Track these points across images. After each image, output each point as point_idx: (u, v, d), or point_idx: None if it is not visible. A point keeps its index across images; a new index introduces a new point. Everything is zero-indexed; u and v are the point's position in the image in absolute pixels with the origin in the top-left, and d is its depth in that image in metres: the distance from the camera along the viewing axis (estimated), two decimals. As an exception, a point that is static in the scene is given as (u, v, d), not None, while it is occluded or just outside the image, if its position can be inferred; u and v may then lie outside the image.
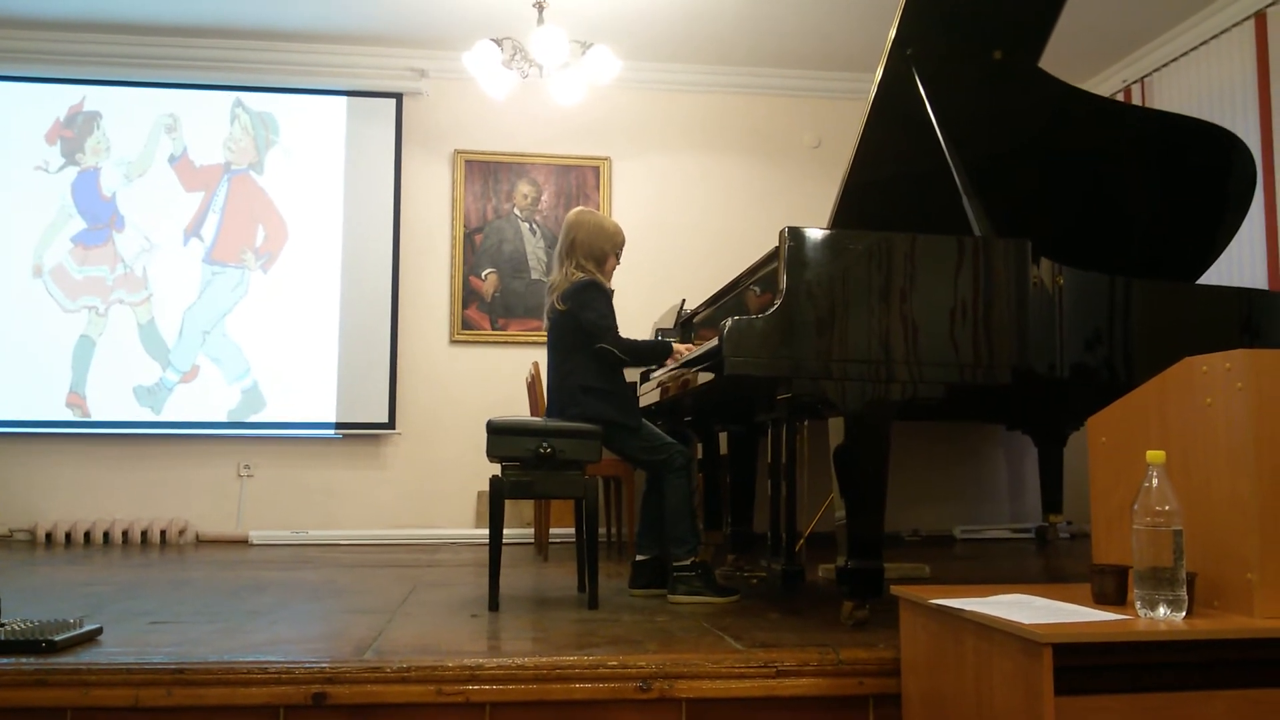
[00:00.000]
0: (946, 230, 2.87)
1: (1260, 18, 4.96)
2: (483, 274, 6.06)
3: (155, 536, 5.60)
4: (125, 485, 5.71)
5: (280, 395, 5.82)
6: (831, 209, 3.53)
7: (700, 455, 5.00)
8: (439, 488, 5.89)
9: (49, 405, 5.68)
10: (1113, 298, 3.07)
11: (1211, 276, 3.95)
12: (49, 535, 5.57)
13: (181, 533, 5.66)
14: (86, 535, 5.57)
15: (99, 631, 2.57)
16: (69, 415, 5.70)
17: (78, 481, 5.69)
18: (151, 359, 5.78)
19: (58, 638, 2.35)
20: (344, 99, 6.04)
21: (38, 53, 5.79)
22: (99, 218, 5.84)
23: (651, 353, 3.64)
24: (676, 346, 3.53)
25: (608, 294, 3.52)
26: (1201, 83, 5.37)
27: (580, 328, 3.45)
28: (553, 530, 5.07)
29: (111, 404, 5.72)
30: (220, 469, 5.82)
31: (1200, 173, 3.73)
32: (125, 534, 5.60)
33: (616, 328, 3.46)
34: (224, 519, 5.78)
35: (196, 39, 5.84)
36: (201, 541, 5.71)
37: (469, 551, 5.24)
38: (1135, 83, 5.93)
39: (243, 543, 5.67)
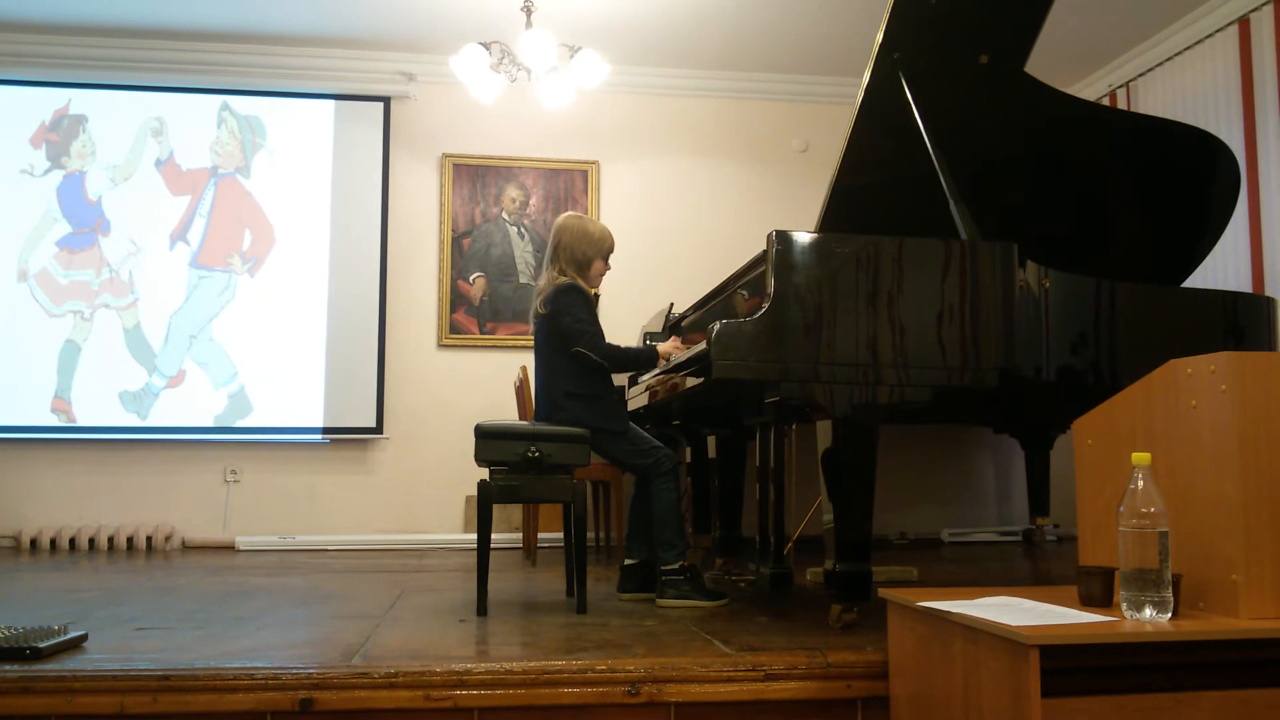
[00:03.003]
0: (933, 234, 2.88)
1: (1244, 23, 5.00)
2: (470, 278, 6.06)
3: (141, 542, 5.57)
4: (111, 491, 5.68)
5: (267, 400, 5.80)
6: (819, 213, 3.54)
7: (689, 459, 5.01)
8: (427, 492, 5.88)
9: (34, 410, 5.65)
10: (1098, 301, 3.08)
11: (1196, 279, 3.97)
12: (34, 541, 5.53)
13: (168, 538, 5.63)
14: (72, 541, 5.53)
15: (84, 638, 2.56)
16: (54, 420, 5.66)
17: (63, 487, 5.65)
18: (137, 364, 5.75)
19: (42, 645, 2.33)
20: (331, 102, 6.03)
21: (23, 55, 5.76)
22: (85, 221, 5.81)
23: (634, 360, 3.57)
24: (661, 348, 3.51)
25: (588, 298, 3.51)
26: (1186, 88, 5.41)
27: (561, 331, 3.45)
28: (541, 534, 5.06)
29: (97, 409, 5.69)
30: (207, 474, 5.79)
31: (1185, 177, 3.75)
32: (111, 540, 5.57)
33: (597, 332, 3.44)
34: (210, 524, 5.75)
35: (183, 42, 5.83)
36: (188, 547, 5.68)
37: (457, 556, 5.23)
38: (1121, 87, 5.96)
39: (229, 548, 5.64)
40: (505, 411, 5.38)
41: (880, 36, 3.28)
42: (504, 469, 3.28)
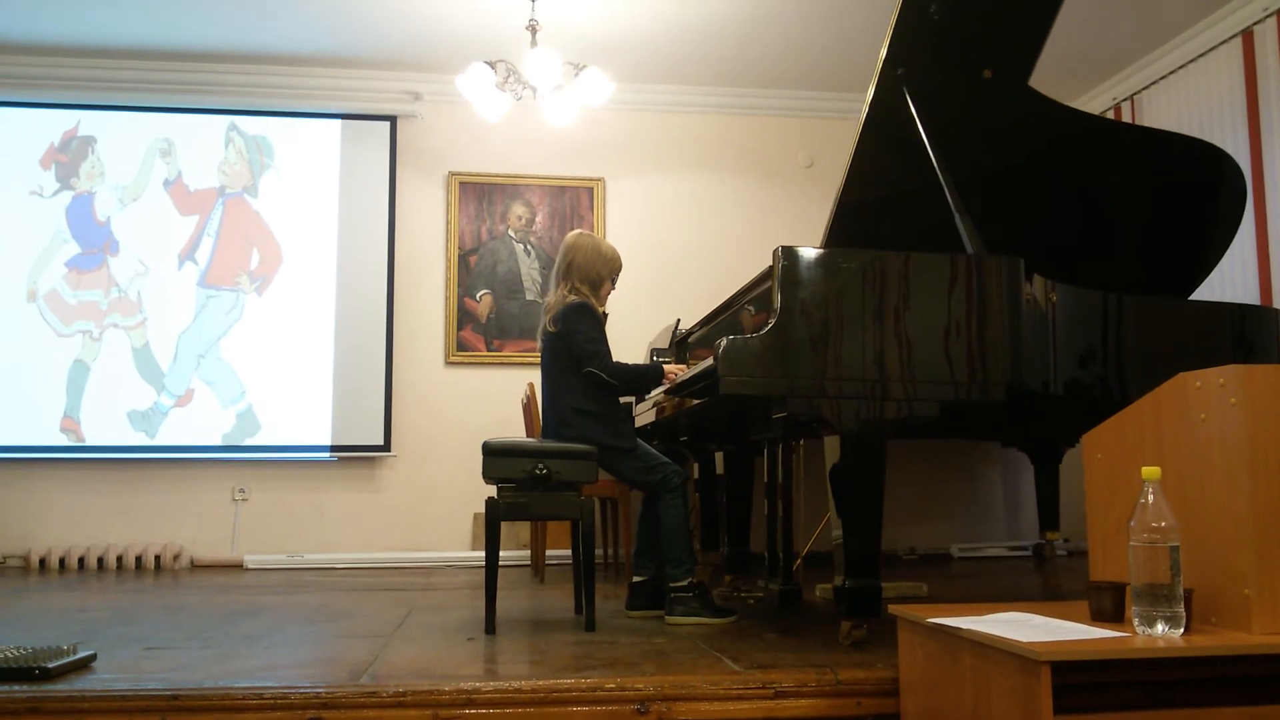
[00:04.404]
0: (939, 248, 2.88)
1: (1248, 35, 5.01)
2: (477, 295, 6.07)
3: (149, 561, 5.58)
4: (119, 510, 5.68)
5: (275, 418, 5.81)
6: (825, 228, 3.54)
7: (696, 475, 5.00)
8: (434, 510, 5.87)
9: (43, 430, 5.66)
10: (1106, 314, 3.08)
11: (1203, 292, 3.96)
12: (43, 561, 5.53)
13: (176, 557, 5.63)
14: (80, 561, 5.53)
15: (93, 658, 2.55)
16: (63, 440, 5.68)
17: (72, 507, 5.66)
18: (146, 383, 5.77)
19: (51, 665, 2.33)
20: (338, 122, 6.06)
21: (32, 78, 5.81)
22: (93, 242, 5.84)
23: (643, 378, 3.59)
24: (668, 368, 3.52)
25: (598, 317, 3.52)
26: (1190, 100, 5.41)
27: (571, 350, 3.45)
28: (549, 552, 5.05)
29: (106, 428, 5.70)
30: (215, 493, 5.79)
31: (1191, 189, 3.75)
32: (119, 559, 5.57)
33: (607, 352, 3.45)
34: (219, 543, 5.75)
35: (190, 63, 5.86)
36: (196, 566, 5.68)
37: (465, 574, 5.22)
38: (1125, 100, 5.97)
39: (238, 567, 5.64)
40: (513, 428, 5.37)
41: (884, 52, 3.29)
42: (512, 486, 3.28)
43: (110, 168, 5.90)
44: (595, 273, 3.56)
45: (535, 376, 3.98)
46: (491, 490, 3.35)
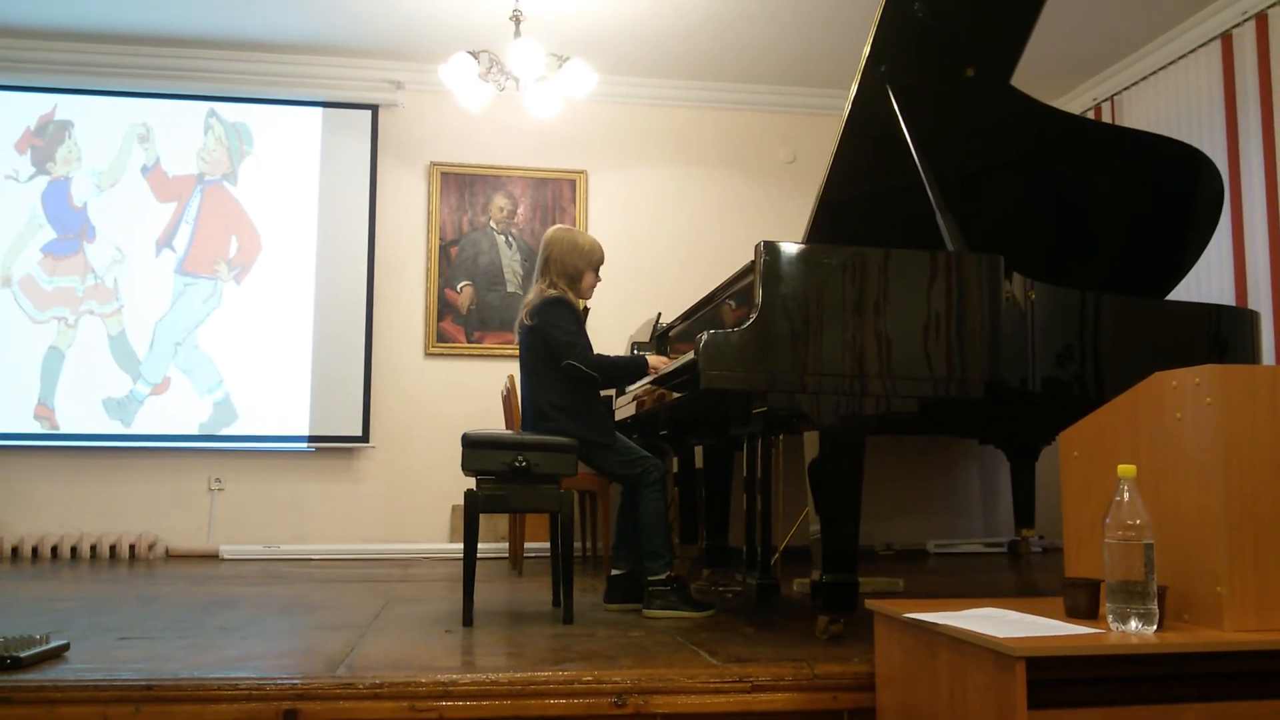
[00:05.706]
0: (920, 245, 2.89)
1: (1226, 39, 5.05)
2: (458, 286, 6.05)
3: (124, 551, 5.53)
4: (94, 499, 5.64)
5: (252, 408, 5.77)
6: (806, 224, 3.55)
7: (676, 469, 5.00)
8: (413, 502, 5.86)
9: (17, 417, 5.60)
10: (1083, 313, 3.10)
11: (1180, 293, 4.00)
12: (15, 549, 5.48)
13: (151, 547, 5.59)
14: (54, 550, 5.49)
15: (66, 648, 2.53)
16: (37, 427, 5.62)
17: (45, 495, 5.61)
18: (122, 371, 5.71)
19: (24, 654, 2.31)
20: (319, 110, 6.02)
21: (8, 61, 5.73)
22: (69, 228, 5.78)
23: (624, 369, 3.59)
24: (653, 360, 3.51)
25: (576, 311, 3.50)
26: (1170, 101, 5.45)
27: (548, 344, 3.44)
28: (527, 544, 5.05)
29: (81, 416, 5.65)
30: (191, 482, 5.75)
31: (1169, 190, 3.78)
32: (94, 548, 5.52)
33: (586, 344, 3.44)
34: (194, 533, 5.71)
35: (170, 48, 5.81)
36: (171, 556, 5.64)
37: (443, 566, 5.21)
38: (1105, 101, 6.01)
39: (213, 557, 5.60)
40: (492, 421, 5.36)
41: (867, 49, 3.29)
42: (491, 478, 3.27)
43: (87, 153, 5.84)
44: (573, 266, 3.55)
45: (516, 369, 3.97)
46: (470, 482, 3.34)
